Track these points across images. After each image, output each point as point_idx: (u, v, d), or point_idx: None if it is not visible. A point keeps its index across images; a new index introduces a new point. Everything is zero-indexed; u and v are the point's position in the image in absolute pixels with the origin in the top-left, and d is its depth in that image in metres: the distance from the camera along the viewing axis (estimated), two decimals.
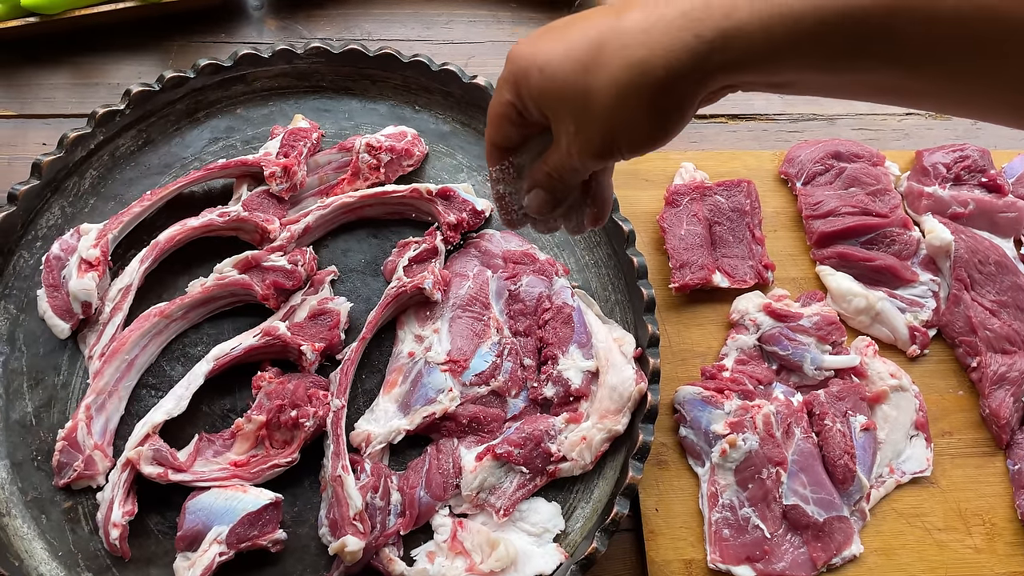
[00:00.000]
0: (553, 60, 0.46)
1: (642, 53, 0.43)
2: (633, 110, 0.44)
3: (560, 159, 0.50)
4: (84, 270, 0.75)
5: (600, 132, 0.46)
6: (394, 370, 0.78)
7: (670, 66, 0.43)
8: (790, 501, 0.74)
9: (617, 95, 0.44)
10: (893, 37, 0.40)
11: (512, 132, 0.51)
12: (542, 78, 0.46)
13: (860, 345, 0.82)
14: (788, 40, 0.42)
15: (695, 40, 0.42)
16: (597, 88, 0.45)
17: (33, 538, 0.71)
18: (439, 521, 0.73)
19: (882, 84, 0.44)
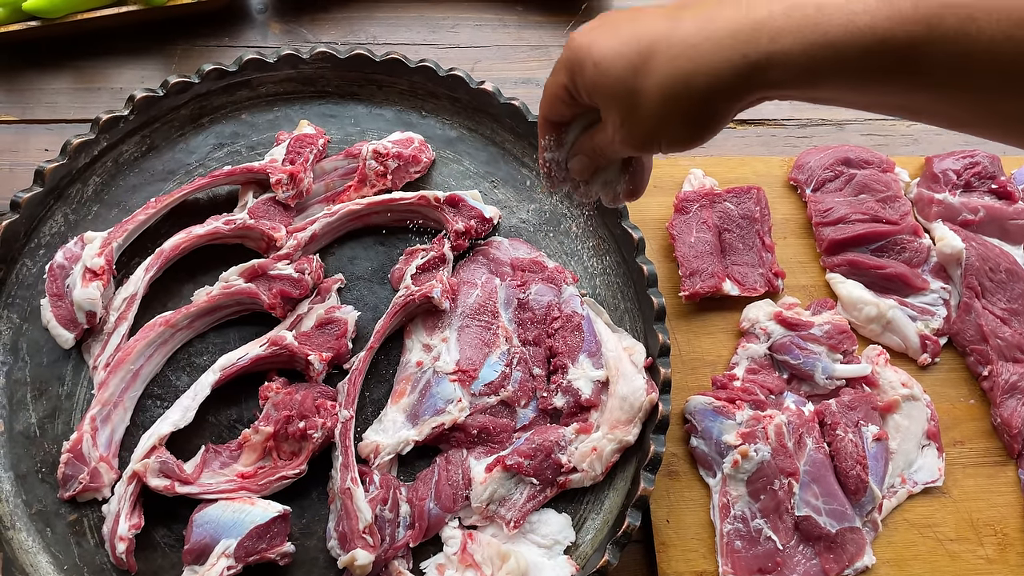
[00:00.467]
0: (607, 57, 0.49)
1: (689, 67, 0.46)
2: (674, 115, 0.48)
3: (605, 140, 0.54)
4: (88, 279, 0.74)
5: (643, 130, 0.50)
6: (402, 380, 0.78)
7: (714, 81, 0.46)
8: (802, 512, 0.74)
9: (662, 101, 0.48)
10: (929, 65, 0.43)
11: (564, 110, 0.55)
12: (596, 72, 0.49)
13: (871, 354, 0.82)
14: (829, 65, 0.44)
15: (741, 60, 0.45)
16: (644, 92, 0.48)
17: (38, 551, 0.70)
18: (449, 533, 0.72)
19: (915, 106, 0.47)
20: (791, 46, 0.44)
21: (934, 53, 0.42)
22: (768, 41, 0.45)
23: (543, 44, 0.99)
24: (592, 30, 0.51)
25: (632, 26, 0.49)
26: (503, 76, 0.97)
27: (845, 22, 0.44)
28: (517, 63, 0.98)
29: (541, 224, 0.85)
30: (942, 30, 0.42)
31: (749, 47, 0.45)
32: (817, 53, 0.44)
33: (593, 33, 0.51)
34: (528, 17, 1.00)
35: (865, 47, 0.43)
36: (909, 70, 0.43)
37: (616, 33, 0.50)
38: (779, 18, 0.45)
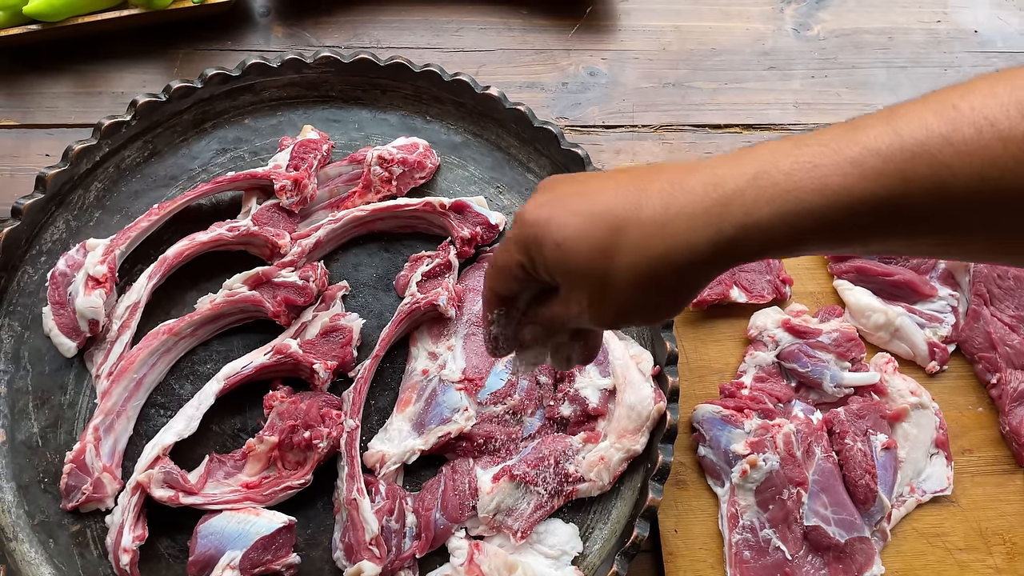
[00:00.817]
0: (570, 238, 0.47)
1: (662, 248, 0.45)
2: (649, 295, 0.47)
3: (565, 315, 0.51)
4: (91, 287, 0.73)
5: (614, 311, 0.48)
6: (407, 388, 0.77)
7: (691, 259, 0.45)
8: (811, 522, 0.73)
9: (635, 284, 0.46)
10: (909, 216, 0.42)
11: (516, 286, 0.52)
12: (559, 253, 0.47)
13: (880, 362, 0.81)
14: (809, 231, 0.43)
15: (716, 235, 0.44)
16: (616, 274, 0.46)
17: (41, 563, 0.70)
18: (455, 544, 0.72)
19: (898, 249, 0.46)
20: (767, 217, 0.43)
21: (912, 204, 0.41)
22: (743, 214, 0.43)
23: (548, 48, 0.98)
24: (545, 205, 0.48)
25: (590, 202, 0.47)
26: (507, 80, 0.96)
27: (818, 186, 0.42)
28: (522, 67, 0.97)
29: None
30: (917, 181, 0.41)
31: (723, 222, 0.44)
32: (795, 221, 0.43)
33: (548, 209, 0.48)
34: (532, 21, 1.00)
35: (843, 208, 0.42)
36: (889, 223, 0.43)
37: (575, 210, 0.47)
38: (748, 189, 0.44)
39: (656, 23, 1.01)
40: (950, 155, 0.40)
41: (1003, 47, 1.04)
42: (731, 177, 0.44)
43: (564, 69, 0.98)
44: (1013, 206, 0.40)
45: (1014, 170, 0.40)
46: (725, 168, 0.45)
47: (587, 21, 1.00)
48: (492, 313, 0.55)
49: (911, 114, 0.42)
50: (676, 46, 1.00)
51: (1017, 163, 0.39)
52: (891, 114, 0.43)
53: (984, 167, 0.40)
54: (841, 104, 0.99)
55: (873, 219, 0.42)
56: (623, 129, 0.95)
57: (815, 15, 1.04)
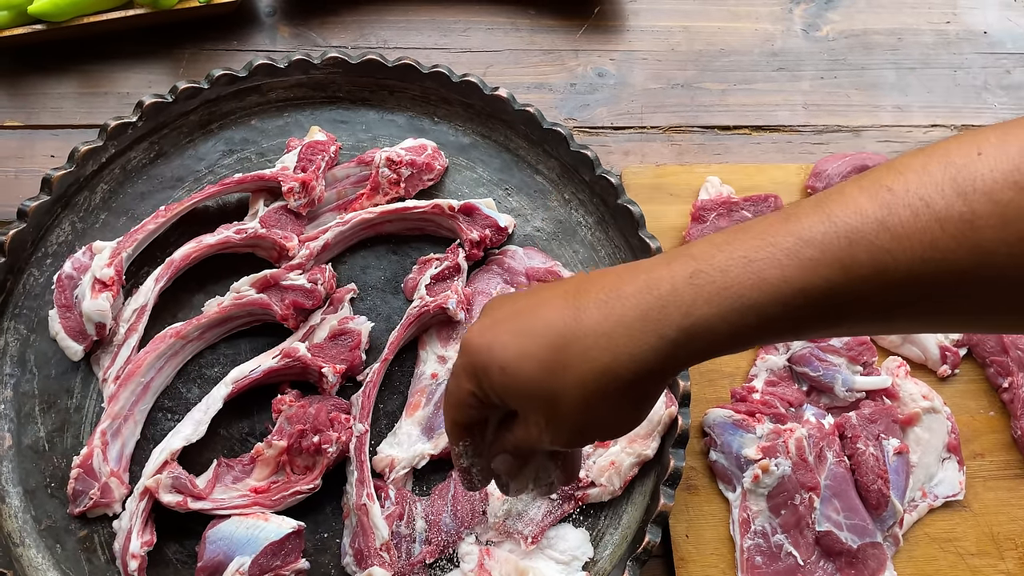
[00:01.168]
0: (513, 361, 0.45)
1: (607, 359, 0.43)
2: (602, 408, 0.45)
3: (528, 438, 0.49)
4: (98, 290, 0.73)
5: (569, 428, 0.46)
6: (416, 392, 0.76)
7: (636, 369, 0.43)
8: (823, 527, 0.73)
9: (585, 399, 0.44)
10: (852, 303, 0.41)
11: (475, 414, 0.51)
12: (504, 377, 0.46)
13: (891, 366, 0.81)
14: (752, 327, 0.42)
15: (658, 341, 0.43)
16: (564, 392, 0.45)
17: (48, 568, 0.69)
18: (465, 549, 0.71)
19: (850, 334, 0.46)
20: (707, 316, 0.42)
21: (855, 292, 0.40)
22: (681, 316, 0.42)
23: (556, 48, 0.98)
24: (486, 330, 0.47)
25: (529, 320, 0.46)
26: (515, 81, 0.95)
27: (756, 281, 0.41)
28: (530, 67, 0.97)
29: (556, 232, 0.84)
30: (857, 269, 0.40)
31: (663, 327, 0.42)
32: (736, 319, 0.42)
33: (490, 334, 0.47)
34: (540, 21, 0.99)
35: (783, 302, 0.41)
36: (835, 312, 0.41)
37: (515, 331, 0.46)
38: (684, 290, 0.42)
39: (664, 24, 1.01)
40: (888, 240, 0.39)
41: (1012, 48, 1.03)
42: (666, 279, 0.43)
43: (572, 70, 0.97)
44: (956, 287, 0.40)
45: (955, 251, 0.38)
46: (660, 270, 0.44)
47: (595, 21, 0.99)
48: (459, 445, 0.53)
49: (844, 199, 0.41)
50: (685, 47, 1.00)
51: (958, 244, 0.38)
52: (823, 200, 0.42)
53: (924, 250, 0.39)
54: (851, 105, 0.98)
55: (815, 309, 0.41)
56: (632, 130, 0.95)
57: (824, 16, 1.03)
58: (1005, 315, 0.42)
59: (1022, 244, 0.38)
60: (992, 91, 1.01)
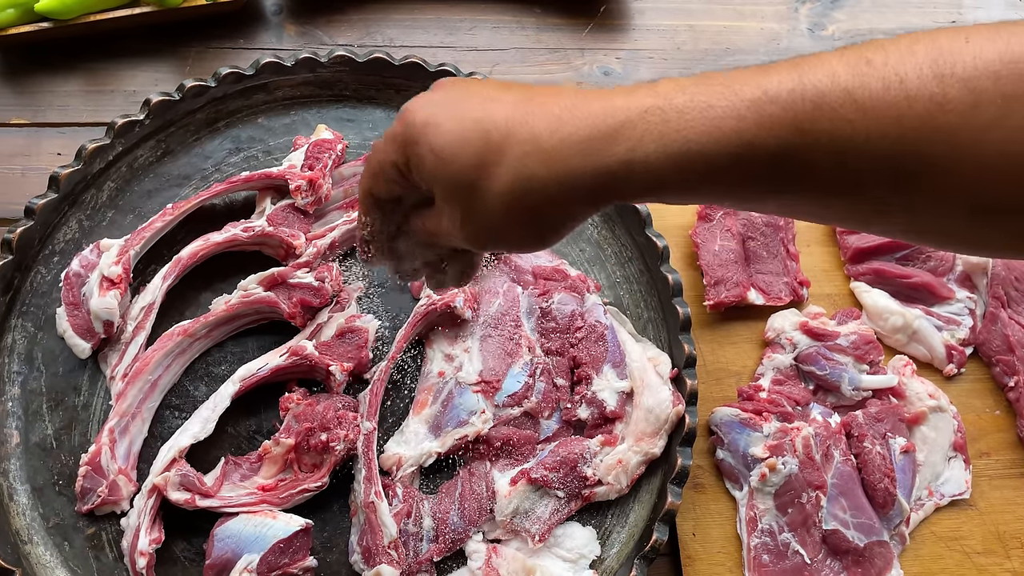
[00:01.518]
0: (448, 145, 0.44)
1: (540, 170, 0.42)
2: (522, 219, 0.44)
3: (440, 229, 0.48)
4: (106, 288, 0.73)
5: (484, 230, 0.45)
6: (424, 390, 0.76)
7: (566, 188, 0.42)
8: (830, 526, 0.73)
9: (508, 204, 0.43)
10: (804, 170, 0.39)
11: (392, 188, 0.49)
12: (433, 159, 0.44)
13: (898, 364, 0.81)
14: (696, 174, 0.40)
15: (597, 167, 0.41)
16: (488, 190, 0.43)
17: (56, 566, 0.69)
18: (473, 547, 0.71)
19: (800, 210, 0.44)
20: (652, 154, 0.40)
21: (808, 158, 0.39)
22: (627, 149, 0.41)
23: (561, 47, 0.98)
24: (430, 106, 0.45)
25: (475, 110, 0.44)
26: (521, 79, 0.95)
27: (709, 127, 0.40)
28: (535, 66, 0.97)
29: None
30: (815, 134, 0.38)
31: (606, 155, 0.41)
32: (682, 163, 0.40)
33: (432, 110, 0.45)
34: (546, 19, 0.99)
35: (733, 154, 0.39)
36: (784, 177, 0.40)
37: (459, 116, 0.44)
38: (638, 123, 0.41)
39: (670, 22, 1.01)
40: (852, 111, 0.38)
41: None
42: (624, 109, 0.41)
43: (578, 68, 0.97)
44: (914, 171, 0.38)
45: (917, 130, 0.37)
46: (619, 99, 0.42)
47: (601, 20, 0.99)
48: (366, 216, 0.51)
49: (821, 63, 0.39)
50: (690, 45, 1.00)
51: (921, 123, 0.37)
52: (802, 60, 0.40)
53: (886, 125, 0.38)
54: None
55: (764, 168, 0.40)
56: None
57: (830, 15, 1.03)
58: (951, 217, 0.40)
59: (987, 134, 0.36)
60: None
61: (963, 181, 0.38)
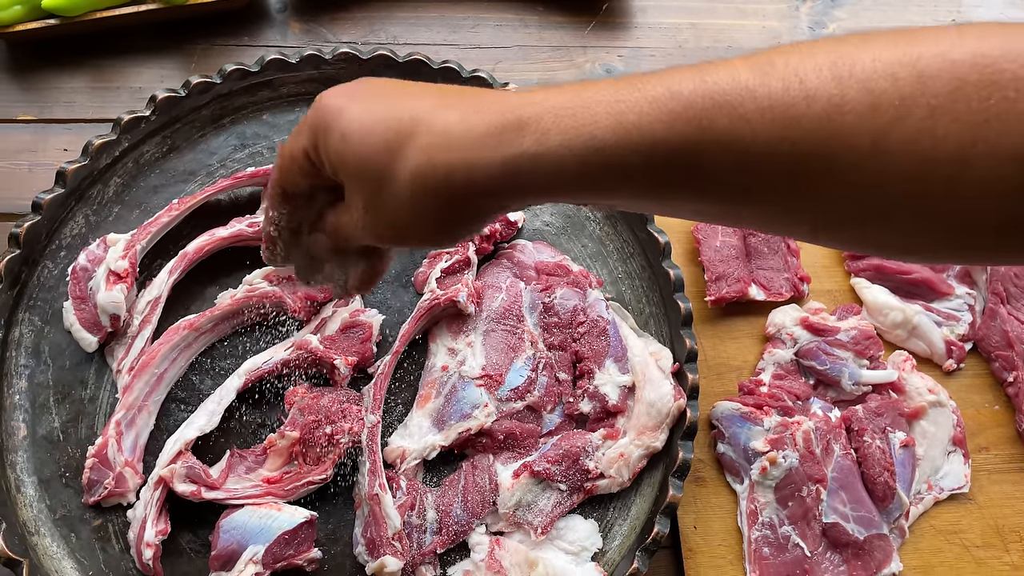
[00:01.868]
0: (358, 130, 0.43)
1: (447, 159, 0.42)
2: (426, 211, 0.43)
3: (347, 225, 0.48)
4: (112, 282, 0.73)
5: (388, 222, 0.45)
6: (427, 384, 0.77)
7: (472, 180, 0.42)
8: (830, 519, 0.74)
9: (413, 193, 0.43)
10: (707, 170, 0.39)
11: (303, 180, 0.48)
12: (343, 144, 0.44)
13: (898, 360, 0.82)
14: (600, 170, 0.40)
15: (503, 158, 0.41)
16: (394, 179, 0.43)
17: (63, 557, 0.70)
18: (476, 539, 0.72)
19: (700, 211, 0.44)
20: (556, 147, 0.40)
21: (709, 157, 0.39)
22: (534, 142, 0.40)
23: (564, 44, 0.98)
24: (345, 94, 0.45)
25: (392, 99, 0.44)
26: (524, 77, 0.96)
27: (613, 123, 0.40)
28: (538, 63, 0.97)
29: (564, 227, 0.84)
30: (715, 132, 0.38)
31: (513, 146, 0.41)
32: (585, 156, 0.40)
33: (346, 99, 0.45)
34: (549, 17, 1.00)
35: (635, 150, 0.39)
36: (687, 176, 0.40)
37: (372, 103, 0.44)
38: (546, 117, 0.41)
39: (672, 20, 1.01)
40: (752, 109, 0.38)
41: None
42: (535, 103, 0.41)
43: (580, 66, 0.98)
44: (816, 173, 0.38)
45: (815, 132, 0.37)
46: (534, 95, 0.42)
47: (603, 18, 1.00)
48: (274, 211, 0.50)
49: (727, 64, 0.40)
50: (692, 44, 1.00)
51: (820, 124, 0.37)
52: (710, 63, 0.40)
53: (785, 126, 0.37)
54: None
55: (667, 168, 0.40)
56: None
57: (831, 13, 1.04)
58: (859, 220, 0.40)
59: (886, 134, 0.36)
60: None
61: (865, 181, 0.38)
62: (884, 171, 0.37)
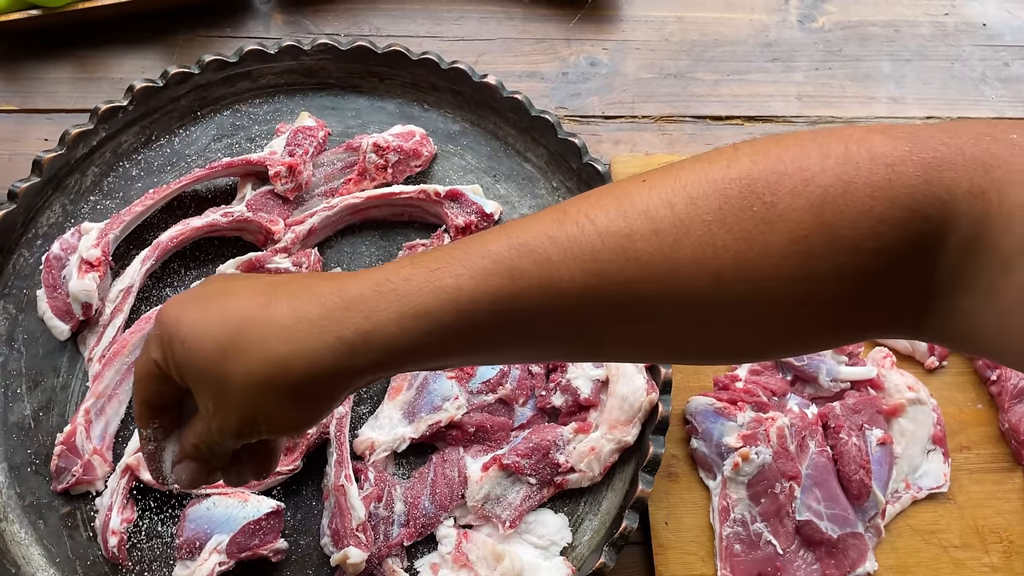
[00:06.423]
0: (193, 336, 0.45)
1: (283, 350, 0.43)
2: (273, 401, 0.44)
3: (204, 430, 0.48)
4: (85, 271, 0.73)
5: (237, 417, 0.45)
6: (399, 376, 0.77)
7: (312, 365, 0.43)
8: (803, 516, 0.73)
9: (254, 386, 0.44)
10: (523, 316, 0.42)
11: (163, 390, 0.49)
12: (183, 351, 0.45)
13: (877, 356, 0.80)
14: (427, 336, 0.42)
15: (336, 341, 0.42)
16: (233, 376, 0.44)
17: (30, 544, 0.70)
18: (443, 532, 0.72)
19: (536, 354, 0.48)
20: (384, 320, 0.42)
21: (526, 302, 0.42)
22: (363, 319, 0.42)
23: (548, 37, 0.98)
24: (183, 303, 0.47)
25: (223, 301, 0.46)
26: (508, 70, 0.95)
27: (431, 288, 0.42)
28: (522, 56, 0.97)
29: None
30: (524, 278, 0.42)
31: (343, 327, 0.42)
32: (411, 323, 0.42)
33: (184, 307, 0.46)
34: (533, 10, 0.99)
35: (456, 309, 0.42)
36: (509, 325, 0.42)
37: (206, 309, 0.46)
38: (369, 295, 0.43)
39: (658, 13, 1.01)
40: (554, 252, 0.42)
41: (1012, 40, 1.02)
42: (356, 284, 0.44)
43: (565, 59, 0.97)
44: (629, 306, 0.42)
45: (615, 262, 0.41)
46: (354, 278, 0.44)
47: (589, 11, 0.99)
48: (147, 429, 0.51)
49: (527, 221, 0.44)
50: (678, 37, 0.99)
51: (617, 256, 0.41)
52: (513, 224, 0.44)
53: (586, 262, 0.41)
54: (844, 96, 0.97)
55: (489, 320, 0.42)
56: (623, 120, 0.95)
57: (820, 6, 1.03)
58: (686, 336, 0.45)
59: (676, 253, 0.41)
60: (990, 83, 1.00)
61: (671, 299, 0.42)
62: (682, 287, 0.41)
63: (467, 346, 0.44)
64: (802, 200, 0.40)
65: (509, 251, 0.42)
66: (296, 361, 0.43)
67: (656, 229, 0.41)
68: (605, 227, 0.42)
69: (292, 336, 0.43)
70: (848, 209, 0.39)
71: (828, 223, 0.40)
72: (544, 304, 0.42)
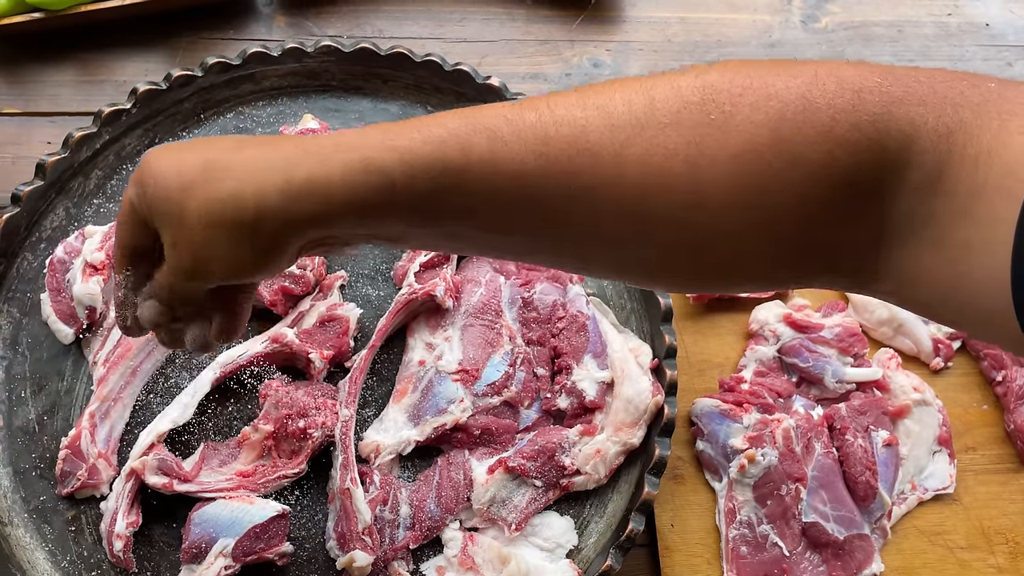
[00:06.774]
0: (162, 173, 0.45)
1: (236, 185, 0.44)
2: (224, 239, 0.44)
3: (165, 271, 0.48)
4: (88, 274, 0.73)
5: (190, 254, 0.46)
6: (404, 379, 0.77)
7: (259, 204, 0.43)
8: (810, 518, 0.73)
9: (207, 221, 0.44)
10: (468, 190, 0.43)
11: (138, 235, 0.49)
12: (152, 187, 0.46)
13: (883, 357, 0.80)
14: (370, 190, 0.43)
15: (284, 183, 0.43)
16: (190, 209, 0.44)
17: (36, 548, 0.70)
18: (449, 535, 0.71)
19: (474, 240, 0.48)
20: (332, 170, 0.43)
21: (472, 174, 0.42)
22: (315, 164, 0.43)
23: (551, 39, 0.98)
24: (166, 147, 0.48)
25: (201, 147, 0.47)
26: (511, 71, 0.95)
27: (386, 147, 0.43)
28: (525, 58, 0.97)
29: None
30: (475, 151, 0.42)
31: (296, 170, 0.43)
32: (357, 178, 0.42)
33: (164, 150, 0.47)
34: (537, 11, 0.99)
35: (408, 171, 0.42)
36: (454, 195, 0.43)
37: (183, 152, 0.47)
38: (327, 147, 0.44)
39: (661, 14, 1.01)
40: (508, 132, 0.42)
41: (1015, 40, 1.02)
42: (319, 138, 0.45)
43: (568, 60, 0.97)
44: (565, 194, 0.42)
45: (565, 151, 0.42)
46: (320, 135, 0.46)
47: (592, 12, 0.99)
48: (120, 274, 0.51)
49: (493, 105, 0.44)
50: (682, 38, 0.99)
51: (568, 143, 0.41)
52: (478, 107, 0.45)
53: (537, 144, 0.42)
54: None
55: (434, 190, 0.43)
56: None
57: (823, 7, 1.03)
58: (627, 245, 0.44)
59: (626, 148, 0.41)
60: None
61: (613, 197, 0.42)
62: (629, 186, 0.41)
63: (407, 214, 0.44)
64: (761, 114, 0.40)
65: (465, 127, 0.43)
66: (245, 198, 0.43)
67: (611, 124, 0.41)
68: (562, 116, 0.42)
69: (246, 175, 0.44)
70: (807, 127, 0.39)
71: (785, 139, 0.39)
72: (490, 183, 0.42)
